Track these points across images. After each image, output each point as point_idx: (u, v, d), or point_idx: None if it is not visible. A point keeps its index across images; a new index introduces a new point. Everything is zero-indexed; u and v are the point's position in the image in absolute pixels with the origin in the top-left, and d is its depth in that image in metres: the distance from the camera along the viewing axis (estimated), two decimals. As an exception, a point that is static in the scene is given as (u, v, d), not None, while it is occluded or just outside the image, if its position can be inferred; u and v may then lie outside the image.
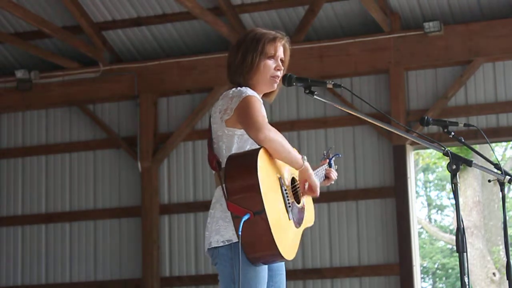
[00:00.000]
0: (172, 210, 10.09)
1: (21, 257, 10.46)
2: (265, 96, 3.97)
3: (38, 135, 10.63)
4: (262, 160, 3.59)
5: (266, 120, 3.71)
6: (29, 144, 10.63)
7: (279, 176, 3.70)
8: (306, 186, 3.82)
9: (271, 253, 3.58)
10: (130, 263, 10.12)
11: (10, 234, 10.54)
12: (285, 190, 3.71)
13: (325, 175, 4.23)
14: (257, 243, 3.55)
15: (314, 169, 4.15)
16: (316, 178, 3.93)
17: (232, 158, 3.65)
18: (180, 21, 9.98)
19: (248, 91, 3.75)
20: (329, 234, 9.55)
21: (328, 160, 4.32)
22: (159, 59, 10.20)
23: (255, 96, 3.74)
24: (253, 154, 3.60)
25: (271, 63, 3.86)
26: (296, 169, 3.77)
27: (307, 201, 3.94)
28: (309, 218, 3.96)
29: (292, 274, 9.45)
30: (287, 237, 3.65)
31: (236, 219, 3.54)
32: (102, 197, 10.33)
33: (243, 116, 3.67)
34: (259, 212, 3.50)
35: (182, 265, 9.97)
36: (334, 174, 4.25)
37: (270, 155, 3.66)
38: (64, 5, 9.81)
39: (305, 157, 3.77)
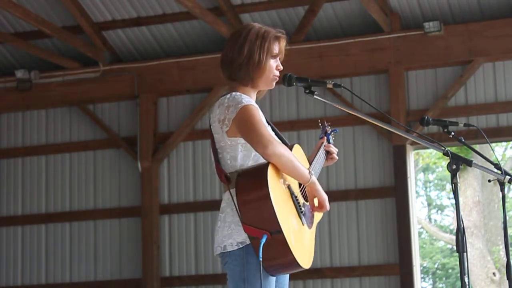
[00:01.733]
0: (172, 210, 10.08)
1: (21, 257, 10.45)
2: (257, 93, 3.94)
3: (38, 135, 10.62)
4: (271, 176, 3.55)
5: (268, 132, 3.66)
6: (29, 144, 10.63)
7: (288, 184, 3.67)
8: (316, 203, 3.78)
9: (290, 267, 3.63)
10: (130, 263, 10.11)
11: (10, 234, 10.54)
12: (296, 197, 3.69)
13: (326, 152, 4.16)
14: (277, 259, 3.57)
15: (314, 152, 4.10)
16: (318, 167, 3.90)
17: (241, 177, 3.60)
18: (180, 21, 9.98)
19: (244, 99, 3.68)
20: (329, 234, 9.55)
21: (325, 137, 4.26)
22: (159, 59, 10.20)
23: (252, 105, 3.68)
24: (262, 172, 3.55)
25: (273, 62, 3.82)
26: (303, 183, 3.72)
27: None
28: (318, 214, 3.95)
29: (292, 274, 9.41)
30: (303, 246, 3.67)
31: (254, 241, 3.53)
32: (102, 197, 10.33)
33: (246, 130, 3.62)
34: (277, 232, 3.49)
35: (182, 265, 9.97)
36: (334, 149, 4.17)
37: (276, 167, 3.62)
38: (64, 5, 9.81)
39: (313, 172, 3.72)
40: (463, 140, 4.39)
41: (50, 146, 10.55)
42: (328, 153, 4.17)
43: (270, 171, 3.56)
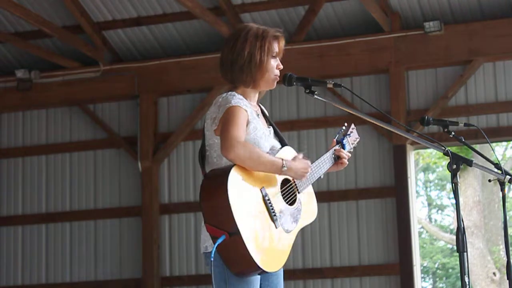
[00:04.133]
0: (172, 210, 10.08)
1: (21, 257, 10.45)
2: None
3: (38, 135, 10.62)
4: (235, 177, 3.55)
5: (242, 134, 3.63)
6: (29, 144, 10.62)
7: (261, 186, 3.65)
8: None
9: (252, 270, 3.57)
10: (130, 263, 10.11)
11: (10, 234, 10.53)
12: (268, 200, 3.64)
13: (334, 158, 4.07)
14: (238, 261, 3.54)
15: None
16: (317, 173, 3.88)
17: (206, 178, 3.64)
18: (181, 21, 9.98)
19: (233, 100, 3.69)
20: (329, 234, 9.55)
21: (336, 142, 4.16)
22: (159, 59, 10.20)
23: (239, 106, 3.68)
24: (225, 173, 3.55)
25: (273, 61, 3.84)
26: (278, 174, 3.69)
27: (306, 196, 3.88)
28: (309, 215, 3.90)
29: (292, 274, 9.45)
30: (270, 249, 3.61)
31: (214, 240, 3.53)
32: (102, 197, 10.32)
33: (221, 130, 3.65)
34: (235, 233, 3.48)
35: (182, 265, 9.97)
36: (345, 154, 4.08)
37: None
38: (64, 5, 9.81)
39: (286, 161, 3.66)
40: (463, 140, 4.38)
41: (50, 146, 10.54)
42: (338, 157, 4.09)
43: (235, 173, 3.56)
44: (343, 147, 4.16)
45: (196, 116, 10.04)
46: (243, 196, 3.56)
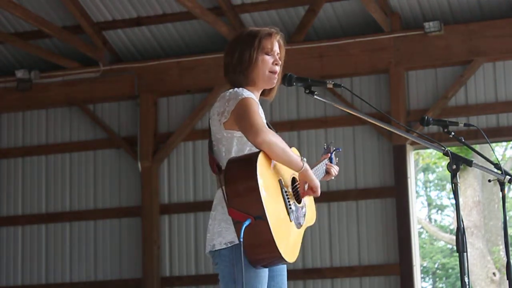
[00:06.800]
0: (172, 210, 10.08)
1: (21, 257, 10.45)
2: (265, 95, 3.97)
3: (38, 135, 10.62)
4: (261, 164, 3.57)
5: (264, 122, 3.69)
6: (29, 144, 10.62)
7: (279, 178, 3.69)
8: (306, 187, 3.80)
9: (273, 256, 3.57)
10: (130, 263, 10.11)
11: (10, 234, 10.53)
12: (286, 192, 3.70)
13: (325, 170, 4.24)
14: (259, 247, 3.54)
15: (314, 165, 4.15)
16: (316, 177, 3.91)
17: (232, 162, 3.63)
18: (180, 21, 9.98)
19: (245, 93, 3.72)
20: (329, 234, 9.55)
21: (329, 155, 4.33)
22: (159, 59, 10.20)
23: (252, 98, 3.72)
24: (253, 158, 3.57)
25: (268, 58, 3.85)
26: (296, 171, 3.74)
27: (308, 200, 3.93)
28: (310, 217, 3.96)
29: (292, 274, 9.39)
30: (288, 240, 3.65)
31: (237, 224, 3.53)
32: (102, 197, 10.32)
33: (241, 119, 3.65)
34: (260, 217, 3.49)
35: (182, 265, 9.97)
36: (334, 170, 4.26)
37: (269, 158, 3.64)
38: (64, 5, 9.81)
39: (305, 159, 3.74)
40: (463, 140, 4.38)
41: (50, 146, 10.54)
42: (327, 171, 4.27)
43: (261, 159, 3.58)
44: (330, 161, 4.34)
45: (196, 116, 10.04)
46: (267, 183, 3.58)
